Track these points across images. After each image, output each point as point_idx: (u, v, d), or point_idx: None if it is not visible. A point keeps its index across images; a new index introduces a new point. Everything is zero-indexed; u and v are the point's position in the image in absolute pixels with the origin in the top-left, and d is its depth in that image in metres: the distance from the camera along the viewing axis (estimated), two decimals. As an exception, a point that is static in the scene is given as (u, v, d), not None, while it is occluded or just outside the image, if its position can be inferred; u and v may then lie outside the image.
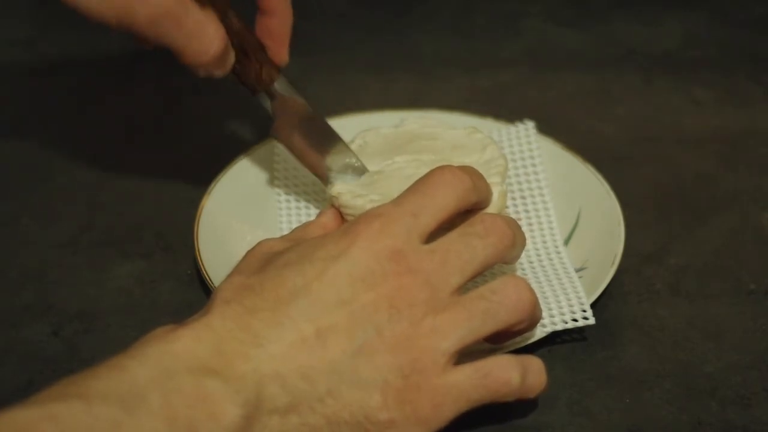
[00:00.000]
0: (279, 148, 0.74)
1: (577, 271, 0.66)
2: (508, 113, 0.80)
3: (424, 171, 0.64)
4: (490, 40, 0.98)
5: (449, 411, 0.53)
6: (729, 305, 0.68)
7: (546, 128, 0.78)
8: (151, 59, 0.94)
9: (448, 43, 0.98)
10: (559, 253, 0.69)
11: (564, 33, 0.99)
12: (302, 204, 0.73)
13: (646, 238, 0.72)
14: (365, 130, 0.71)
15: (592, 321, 0.62)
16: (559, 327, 0.62)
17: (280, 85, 0.67)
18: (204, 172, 0.75)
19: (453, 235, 0.56)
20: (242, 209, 0.72)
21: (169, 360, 0.50)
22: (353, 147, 0.69)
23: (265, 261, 0.56)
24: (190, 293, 0.69)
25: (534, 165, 0.74)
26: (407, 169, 0.66)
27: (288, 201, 0.73)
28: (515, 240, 0.58)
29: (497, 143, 0.70)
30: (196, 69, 0.64)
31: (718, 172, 0.80)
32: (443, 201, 0.57)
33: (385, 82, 0.92)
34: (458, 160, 0.67)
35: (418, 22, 1.01)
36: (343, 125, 0.77)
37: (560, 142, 0.75)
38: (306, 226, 0.64)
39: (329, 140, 0.69)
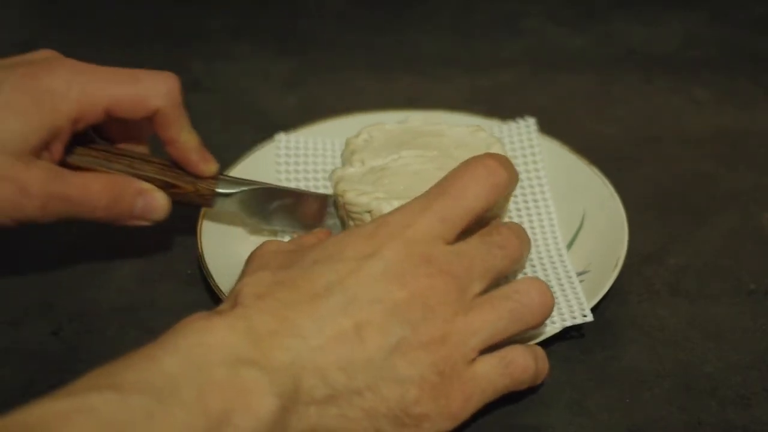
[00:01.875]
0: (282, 150, 0.75)
1: (580, 274, 0.66)
2: (508, 113, 0.80)
3: (429, 167, 0.64)
4: (490, 40, 0.98)
5: (477, 402, 0.56)
6: (729, 305, 0.68)
7: (546, 128, 0.78)
8: (152, 60, 0.95)
9: (448, 43, 0.98)
10: (561, 254, 0.69)
11: (564, 33, 0.99)
12: None
13: (646, 238, 0.72)
14: (370, 125, 0.71)
15: (590, 318, 0.62)
16: (558, 328, 0.62)
17: (224, 187, 0.67)
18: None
19: (475, 242, 0.57)
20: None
21: (203, 351, 0.49)
22: (358, 141, 0.70)
23: (287, 259, 0.56)
24: (190, 293, 0.69)
25: (535, 162, 0.74)
26: (413, 165, 0.66)
27: None
28: (524, 254, 0.59)
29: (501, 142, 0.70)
30: (130, 222, 0.65)
31: (718, 172, 0.80)
32: (473, 203, 0.57)
33: (385, 82, 0.92)
34: (462, 157, 0.66)
35: (418, 22, 1.01)
36: (344, 125, 0.77)
37: (566, 143, 0.75)
38: (302, 237, 0.64)
39: (299, 197, 0.69)
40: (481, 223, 0.58)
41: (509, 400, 0.60)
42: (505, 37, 0.98)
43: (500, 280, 0.58)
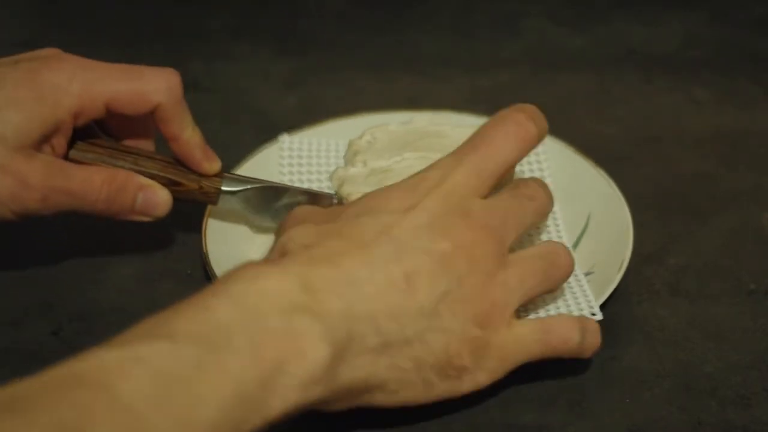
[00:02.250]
0: (285, 151, 0.75)
1: (585, 275, 0.66)
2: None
3: None
4: (490, 40, 0.98)
5: (511, 364, 0.57)
6: (729, 305, 0.68)
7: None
8: (151, 60, 0.94)
9: (448, 43, 0.98)
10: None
11: (564, 33, 0.99)
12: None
13: (646, 238, 0.72)
14: (374, 126, 0.71)
15: (599, 316, 0.62)
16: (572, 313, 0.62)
17: (228, 185, 0.67)
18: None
19: (506, 195, 0.59)
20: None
21: (255, 298, 0.49)
22: (362, 142, 0.70)
23: (327, 215, 0.57)
24: (190, 293, 0.69)
25: (539, 162, 0.74)
26: (415, 167, 0.65)
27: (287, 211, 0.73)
28: (551, 207, 0.61)
29: None
30: (131, 217, 0.65)
31: (718, 172, 0.80)
32: (506, 156, 0.58)
33: (385, 82, 0.92)
34: None
35: (418, 22, 1.01)
36: (345, 125, 0.77)
37: (570, 144, 0.75)
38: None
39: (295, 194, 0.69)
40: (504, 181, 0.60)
41: (509, 400, 0.60)
42: (505, 37, 0.98)
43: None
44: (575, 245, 0.70)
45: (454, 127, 0.70)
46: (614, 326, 0.64)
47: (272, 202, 0.68)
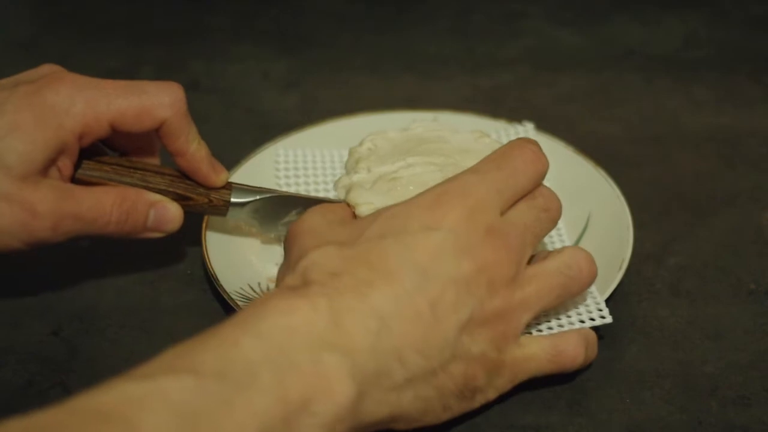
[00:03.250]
0: (281, 164, 0.75)
1: None
2: (508, 113, 0.80)
3: (440, 177, 0.64)
4: (490, 40, 0.98)
5: (519, 380, 0.58)
6: (729, 305, 0.68)
7: (546, 128, 0.78)
8: (152, 60, 0.95)
9: (448, 43, 0.98)
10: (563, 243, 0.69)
11: (564, 33, 0.99)
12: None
13: (646, 238, 0.72)
14: (373, 133, 0.70)
15: (609, 320, 0.61)
16: (577, 327, 0.61)
17: (237, 196, 0.66)
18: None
19: (523, 207, 0.58)
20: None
21: (285, 335, 0.49)
22: (363, 150, 0.69)
23: (346, 233, 0.56)
24: (190, 293, 0.69)
25: None
26: (423, 175, 0.65)
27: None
28: (560, 213, 0.60)
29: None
30: (144, 235, 0.65)
31: (718, 172, 0.80)
32: (524, 181, 0.58)
33: (385, 82, 0.92)
34: (468, 163, 0.66)
35: (418, 22, 1.01)
36: (346, 125, 0.77)
37: (572, 145, 0.75)
38: (331, 208, 0.62)
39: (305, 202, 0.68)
40: None
41: (509, 400, 0.60)
42: (505, 37, 0.98)
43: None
44: (575, 245, 0.70)
45: (454, 132, 0.70)
46: (614, 326, 0.64)
47: (280, 212, 0.68)
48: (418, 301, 0.52)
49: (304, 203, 0.68)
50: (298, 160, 0.75)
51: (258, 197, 0.67)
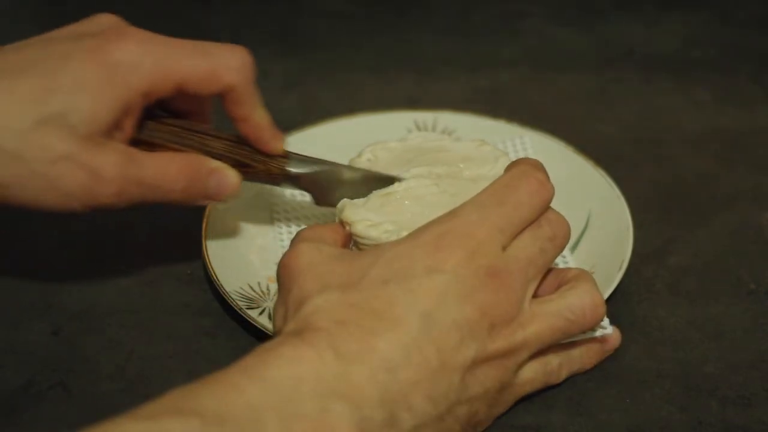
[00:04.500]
0: None
1: None
2: (508, 113, 0.80)
3: (434, 191, 0.63)
4: (490, 40, 0.98)
5: (510, 405, 0.59)
6: (729, 305, 0.68)
7: (546, 128, 0.78)
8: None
9: (448, 43, 0.98)
10: (566, 262, 0.69)
11: (564, 33, 0.99)
12: (299, 214, 0.73)
13: (646, 238, 0.72)
14: (372, 144, 0.70)
15: (609, 330, 0.61)
16: (578, 338, 0.61)
17: (295, 166, 0.65)
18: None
19: (527, 240, 0.57)
20: (251, 212, 0.72)
21: (292, 383, 0.48)
22: (362, 161, 0.69)
23: (346, 274, 0.54)
24: (190, 293, 0.69)
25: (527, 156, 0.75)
26: (417, 189, 0.65)
27: (286, 212, 0.73)
28: (568, 239, 0.59)
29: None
30: (203, 202, 0.63)
31: (718, 172, 0.80)
32: (528, 214, 0.57)
33: (385, 82, 0.92)
34: (471, 171, 0.66)
35: (418, 22, 1.01)
36: (346, 125, 0.77)
37: (572, 145, 0.75)
38: (323, 230, 0.61)
39: (358, 178, 0.67)
40: None
41: (509, 400, 0.60)
42: (505, 37, 0.98)
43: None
44: (575, 245, 0.70)
45: (453, 141, 0.70)
46: (614, 326, 0.64)
47: (335, 184, 0.66)
48: (425, 348, 0.52)
49: (359, 175, 0.66)
50: None
51: (316, 168, 0.66)
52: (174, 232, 0.73)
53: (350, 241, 0.63)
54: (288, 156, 0.65)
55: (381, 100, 0.87)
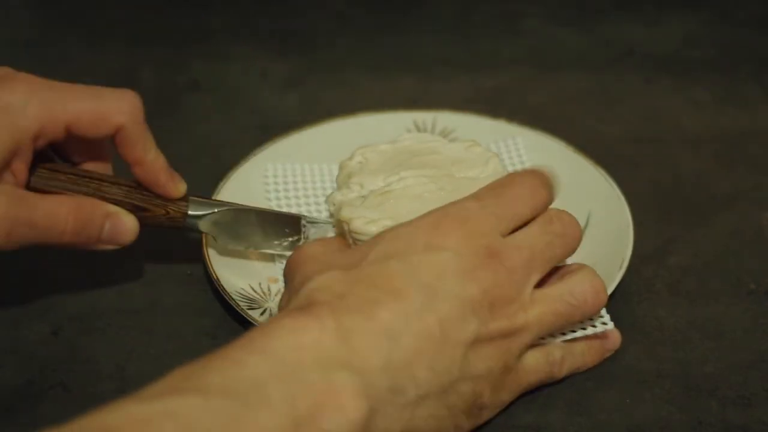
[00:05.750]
0: (270, 179, 0.74)
1: None
2: (508, 113, 0.80)
3: (431, 188, 0.64)
4: (490, 40, 0.98)
5: (522, 391, 0.59)
6: (729, 305, 0.68)
7: (546, 128, 0.78)
8: (152, 59, 0.95)
9: (448, 43, 0.98)
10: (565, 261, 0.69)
11: (564, 33, 0.99)
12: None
13: (646, 238, 0.72)
14: (363, 147, 0.70)
15: (611, 326, 0.61)
16: (579, 334, 0.61)
17: (195, 209, 0.65)
18: (206, 172, 0.75)
19: (535, 231, 0.58)
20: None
21: (294, 353, 0.49)
22: (353, 164, 0.69)
23: (349, 257, 0.56)
24: (190, 293, 0.69)
25: (519, 154, 0.75)
26: (415, 187, 0.65)
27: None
28: (579, 241, 0.60)
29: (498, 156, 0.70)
30: (98, 247, 0.62)
31: (718, 172, 0.80)
32: (522, 211, 0.58)
33: (385, 82, 0.92)
34: (461, 174, 0.67)
35: (418, 22, 1.01)
36: (346, 125, 0.77)
37: (572, 145, 0.75)
38: (328, 241, 0.63)
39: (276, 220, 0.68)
40: None
41: (509, 400, 0.60)
42: (505, 37, 0.98)
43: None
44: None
45: (445, 143, 0.70)
46: (614, 326, 0.64)
47: (238, 224, 0.66)
48: (427, 318, 0.52)
49: (262, 215, 0.67)
50: (288, 175, 0.75)
51: (216, 210, 0.66)
52: (174, 233, 0.73)
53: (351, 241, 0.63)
54: (187, 199, 0.65)
55: (381, 100, 0.87)
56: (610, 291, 0.64)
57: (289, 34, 0.99)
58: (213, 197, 0.70)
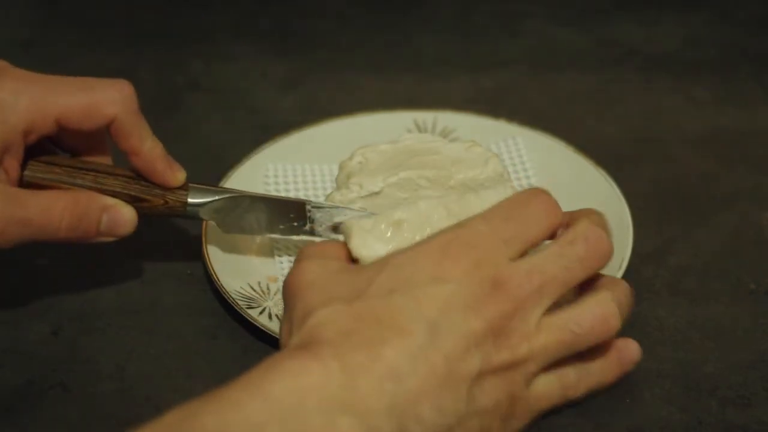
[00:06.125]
0: (270, 179, 0.74)
1: None
2: (508, 113, 0.80)
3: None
4: (490, 40, 0.98)
5: (535, 417, 0.57)
6: (729, 305, 0.68)
7: (546, 128, 0.78)
8: (152, 59, 0.95)
9: (448, 43, 0.98)
10: None
11: (564, 33, 0.99)
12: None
13: (646, 238, 0.72)
14: (363, 147, 0.70)
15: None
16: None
17: (194, 196, 0.64)
18: (206, 172, 0.74)
19: (551, 254, 0.55)
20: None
21: (297, 396, 0.48)
22: (353, 164, 0.69)
23: (351, 286, 0.54)
24: (190, 293, 0.69)
25: (528, 177, 0.75)
26: (405, 186, 0.65)
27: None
28: (611, 255, 0.57)
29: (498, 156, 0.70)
30: (96, 240, 0.62)
31: (718, 172, 0.80)
32: (535, 233, 0.56)
33: (385, 82, 0.92)
34: (460, 174, 0.66)
35: (418, 22, 1.01)
36: (346, 125, 0.77)
37: (572, 145, 0.75)
38: (324, 248, 0.60)
39: (273, 206, 0.66)
40: None
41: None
42: (505, 37, 0.98)
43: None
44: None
45: (445, 143, 0.70)
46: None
47: (240, 211, 0.65)
48: (432, 356, 0.51)
49: (265, 202, 0.66)
50: (288, 175, 0.75)
51: (217, 197, 0.65)
52: (174, 232, 0.73)
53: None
54: (187, 187, 0.64)
55: (381, 100, 0.87)
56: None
57: (289, 34, 0.99)
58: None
